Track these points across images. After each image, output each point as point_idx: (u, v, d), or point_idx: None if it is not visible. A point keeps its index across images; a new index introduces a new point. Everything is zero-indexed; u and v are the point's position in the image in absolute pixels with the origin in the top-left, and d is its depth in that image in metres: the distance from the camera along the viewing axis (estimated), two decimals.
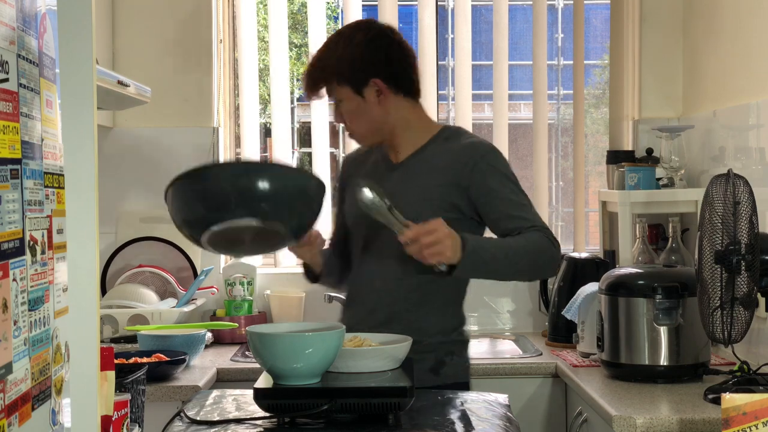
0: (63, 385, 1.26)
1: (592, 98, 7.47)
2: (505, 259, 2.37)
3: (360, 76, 2.50)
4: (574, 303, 3.20)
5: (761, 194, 2.60)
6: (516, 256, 2.38)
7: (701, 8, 3.64)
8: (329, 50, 2.54)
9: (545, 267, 2.48)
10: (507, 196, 2.48)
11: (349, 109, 2.54)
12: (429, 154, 2.55)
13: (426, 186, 2.51)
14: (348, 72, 2.50)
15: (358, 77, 2.50)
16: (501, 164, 2.53)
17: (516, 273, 2.47)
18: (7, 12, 1.09)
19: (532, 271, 2.48)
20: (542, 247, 2.41)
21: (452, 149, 2.53)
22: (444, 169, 2.50)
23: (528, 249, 2.40)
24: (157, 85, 3.65)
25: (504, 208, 2.47)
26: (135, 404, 1.88)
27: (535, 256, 2.41)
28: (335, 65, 2.50)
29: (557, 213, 6.83)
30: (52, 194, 1.23)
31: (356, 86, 2.51)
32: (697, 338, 2.76)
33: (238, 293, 3.73)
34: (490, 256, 2.35)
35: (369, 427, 1.93)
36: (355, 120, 2.55)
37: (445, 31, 8.20)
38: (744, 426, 1.74)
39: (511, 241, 2.40)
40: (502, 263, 2.37)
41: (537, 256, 2.41)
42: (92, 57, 1.31)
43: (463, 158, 2.50)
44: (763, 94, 3.01)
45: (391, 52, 2.54)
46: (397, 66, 2.54)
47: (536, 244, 2.40)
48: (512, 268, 2.41)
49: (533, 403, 3.27)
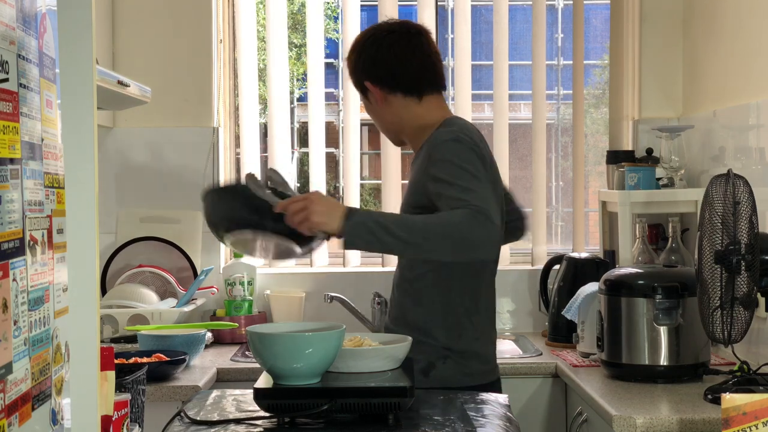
0: (63, 385, 1.26)
1: (592, 98, 7.47)
2: (404, 232, 2.24)
3: (358, 80, 2.63)
4: (574, 303, 3.20)
5: (761, 194, 2.60)
6: (421, 231, 2.25)
7: (701, 8, 3.64)
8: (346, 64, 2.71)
9: (463, 244, 2.26)
10: (446, 179, 2.35)
11: (367, 111, 2.70)
12: (421, 149, 2.56)
13: (412, 180, 2.55)
14: (353, 80, 2.66)
15: (358, 82, 2.64)
16: (450, 153, 2.41)
17: (425, 248, 2.28)
18: (7, 12, 1.09)
19: (446, 247, 2.27)
20: (460, 222, 2.24)
21: (427, 142, 2.51)
22: (420, 162, 2.51)
23: (439, 224, 2.25)
24: (157, 85, 3.65)
25: (440, 189, 2.36)
26: (135, 404, 1.88)
27: (448, 230, 2.24)
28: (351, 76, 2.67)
29: (557, 213, 6.82)
30: (52, 194, 1.23)
31: (361, 90, 2.64)
32: (697, 338, 2.76)
33: (238, 293, 3.73)
34: (381, 228, 2.24)
35: (369, 427, 1.93)
36: (374, 120, 2.70)
37: (445, 31, 8.19)
38: (744, 426, 1.74)
39: (418, 217, 2.31)
40: (400, 236, 2.24)
41: (450, 231, 2.24)
42: (92, 57, 1.31)
43: (427, 149, 2.48)
44: (763, 94, 3.01)
45: (379, 54, 2.57)
46: (385, 67, 2.56)
47: (452, 219, 2.25)
48: (418, 243, 2.25)
49: (533, 403, 3.27)
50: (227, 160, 4.02)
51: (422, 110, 2.58)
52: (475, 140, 2.47)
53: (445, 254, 2.32)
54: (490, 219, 2.25)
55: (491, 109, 4.21)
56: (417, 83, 2.58)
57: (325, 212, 2.25)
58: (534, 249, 4.03)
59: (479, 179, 2.35)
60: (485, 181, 2.36)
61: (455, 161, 2.38)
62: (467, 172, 2.35)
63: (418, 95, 2.58)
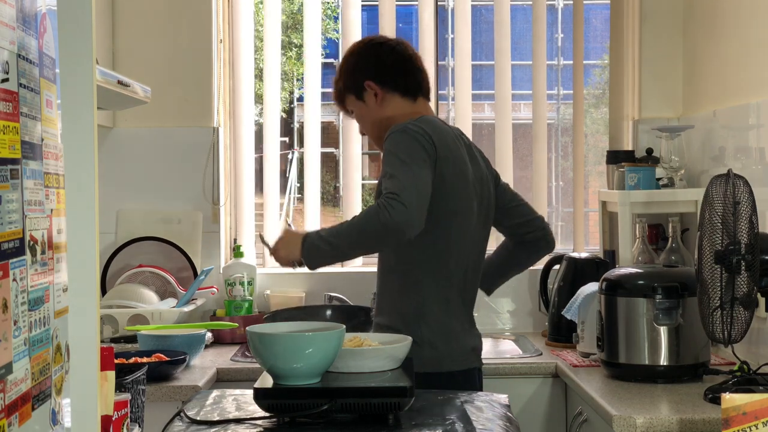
0: (63, 385, 1.26)
1: (592, 98, 7.47)
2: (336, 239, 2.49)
3: (357, 81, 2.70)
4: (574, 303, 3.20)
5: (761, 194, 2.60)
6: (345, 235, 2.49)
7: (701, 8, 3.64)
8: (339, 68, 2.77)
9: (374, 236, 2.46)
10: (383, 169, 2.53)
11: (358, 116, 2.75)
12: None
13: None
14: (349, 81, 2.72)
15: (356, 83, 2.71)
16: (390, 142, 2.54)
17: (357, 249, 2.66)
18: (7, 12, 1.09)
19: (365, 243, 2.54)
20: (365, 218, 2.45)
21: None
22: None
23: (354, 224, 2.48)
24: (157, 85, 3.65)
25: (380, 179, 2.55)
26: (135, 404, 1.88)
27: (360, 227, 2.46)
28: (342, 79, 2.74)
29: (557, 213, 6.82)
30: (52, 194, 1.23)
31: (357, 92, 2.71)
32: (697, 338, 2.76)
33: (238, 293, 3.73)
34: (324, 242, 2.49)
35: (369, 427, 1.93)
36: (365, 125, 2.76)
37: (445, 31, 8.21)
38: (744, 426, 1.74)
39: (345, 223, 2.52)
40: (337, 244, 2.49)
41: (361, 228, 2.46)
42: (92, 57, 1.31)
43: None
44: (763, 94, 3.01)
45: (382, 54, 2.71)
46: (389, 67, 2.71)
47: (363, 216, 2.47)
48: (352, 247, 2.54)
49: (533, 403, 3.27)
50: (227, 160, 4.02)
51: (414, 110, 2.70)
52: (426, 131, 2.55)
53: (369, 248, 2.66)
54: (399, 201, 2.39)
55: (492, 109, 4.22)
56: (414, 85, 2.73)
57: (285, 247, 2.56)
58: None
59: (407, 164, 2.47)
60: (416, 166, 2.47)
61: (391, 150, 2.53)
62: (397, 158, 2.50)
63: (413, 96, 2.73)
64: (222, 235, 3.95)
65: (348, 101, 2.75)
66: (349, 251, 2.62)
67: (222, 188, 3.94)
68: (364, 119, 2.75)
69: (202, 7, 3.89)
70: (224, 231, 3.98)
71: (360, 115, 2.75)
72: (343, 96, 2.76)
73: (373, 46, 2.76)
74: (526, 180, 4.57)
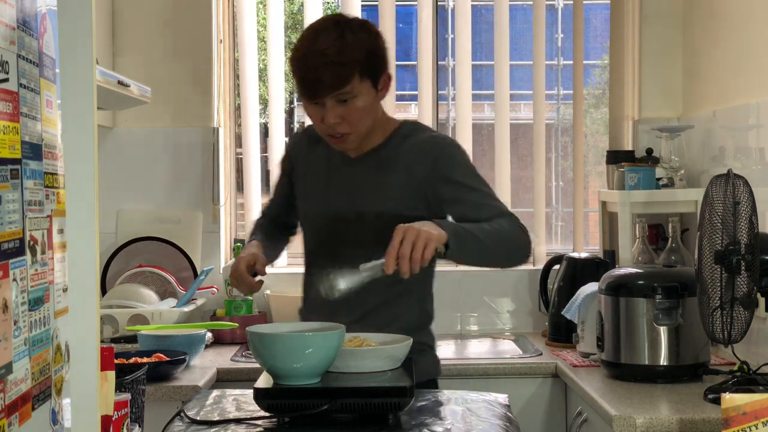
0: (63, 385, 1.26)
1: (592, 98, 7.47)
2: (485, 240, 2.27)
3: (381, 68, 2.37)
4: (574, 303, 3.20)
5: (761, 194, 2.60)
6: (491, 240, 2.28)
7: (701, 8, 3.64)
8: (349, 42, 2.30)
9: (519, 252, 2.38)
10: (472, 187, 2.41)
11: (362, 106, 2.34)
12: (389, 149, 2.47)
13: (387, 183, 2.44)
14: (374, 64, 2.34)
15: (380, 70, 2.36)
16: (462, 157, 2.47)
17: (494, 257, 2.38)
18: (7, 12, 1.09)
19: (508, 255, 2.39)
20: (514, 232, 2.35)
21: (412, 145, 2.45)
22: (405, 165, 2.44)
23: (502, 234, 2.31)
24: (157, 85, 3.65)
25: (470, 198, 2.40)
26: (135, 404, 1.88)
27: (508, 241, 2.33)
28: (365, 57, 2.31)
29: (557, 213, 6.81)
30: (52, 194, 1.23)
31: (375, 80, 2.36)
32: (697, 338, 2.76)
33: (238, 293, 3.73)
34: (470, 236, 2.24)
35: (369, 427, 1.93)
36: (364, 118, 2.37)
37: (445, 31, 8.20)
38: (744, 426, 1.74)
39: (485, 226, 2.30)
40: (482, 244, 2.26)
41: (510, 241, 2.34)
42: (92, 57, 1.31)
43: (423, 153, 2.43)
44: (763, 94, 3.01)
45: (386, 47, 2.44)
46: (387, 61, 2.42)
47: (508, 229, 2.33)
48: (490, 252, 2.31)
49: (533, 403, 3.27)
50: (227, 160, 4.02)
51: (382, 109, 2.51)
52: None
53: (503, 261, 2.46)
54: (525, 228, 2.38)
55: (491, 109, 4.22)
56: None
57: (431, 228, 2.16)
58: (534, 249, 4.03)
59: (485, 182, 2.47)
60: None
61: (469, 166, 2.46)
62: (479, 176, 2.45)
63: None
64: (222, 235, 3.95)
65: (360, 86, 2.32)
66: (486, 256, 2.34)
67: (222, 188, 3.94)
68: (371, 111, 2.38)
69: (202, 7, 3.89)
70: (224, 231, 3.98)
71: (369, 105, 2.36)
72: (351, 77, 2.30)
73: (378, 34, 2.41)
74: (526, 180, 4.57)
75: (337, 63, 2.28)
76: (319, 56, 2.29)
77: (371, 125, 2.42)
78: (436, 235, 2.15)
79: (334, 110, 2.33)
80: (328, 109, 2.33)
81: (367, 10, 4.47)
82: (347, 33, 2.31)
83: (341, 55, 2.28)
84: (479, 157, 4.73)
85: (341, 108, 2.33)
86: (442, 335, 3.83)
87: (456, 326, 3.92)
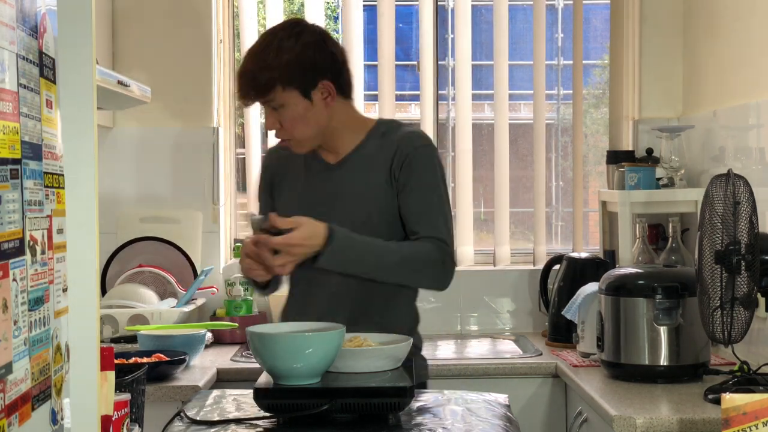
0: (63, 385, 1.26)
1: (592, 98, 7.47)
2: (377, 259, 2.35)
3: (309, 78, 2.38)
4: (574, 303, 3.20)
5: (761, 194, 2.60)
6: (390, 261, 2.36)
7: (701, 8, 3.64)
8: (272, 52, 2.37)
9: (427, 278, 2.43)
10: (428, 196, 2.42)
11: (292, 115, 2.39)
12: (368, 150, 2.48)
13: (369, 184, 2.46)
14: (297, 74, 2.36)
15: (307, 79, 2.38)
16: (434, 160, 2.47)
17: (390, 276, 2.40)
18: (7, 12, 1.09)
19: (410, 279, 2.44)
20: (428, 258, 2.37)
21: (389, 142, 2.47)
22: (383, 163, 2.45)
23: (409, 257, 2.37)
24: (157, 85, 3.65)
25: (419, 206, 2.42)
26: (135, 404, 1.88)
27: (416, 265, 2.38)
28: (284, 68, 2.35)
29: (557, 213, 6.81)
30: (52, 194, 1.23)
31: (304, 89, 2.38)
32: (697, 338, 2.76)
33: (238, 293, 3.73)
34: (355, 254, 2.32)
35: (369, 427, 1.93)
36: (298, 125, 2.41)
37: (445, 31, 8.20)
38: (744, 426, 1.74)
39: (393, 245, 2.37)
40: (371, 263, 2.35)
41: (419, 266, 2.38)
42: (92, 57, 1.30)
43: (398, 150, 2.44)
44: (763, 94, 3.01)
45: (336, 52, 2.44)
46: (341, 66, 2.44)
47: (423, 254, 2.37)
48: (385, 271, 2.38)
49: (533, 403, 3.27)
50: (227, 160, 4.02)
51: (352, 111, 2.52)
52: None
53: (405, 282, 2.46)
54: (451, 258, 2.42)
55: (491, 109, 4.21)
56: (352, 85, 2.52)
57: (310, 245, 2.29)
58: (534, 249, 4.03)
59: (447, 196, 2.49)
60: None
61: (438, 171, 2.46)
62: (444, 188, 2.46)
63: (350, 97, 2.51)
64: (222, 235, 3.95)
65: (283, 95, 2.36)
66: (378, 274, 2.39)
67: (222, 188, 3.94)
68: (305, 119, 2.39)
69: (202, 7, 3.89)
70: (224, 231, 3.98)
71: (296, 115, 2.38)
72: (271, 87, 2.36)
73: (324, 40, 2.43)
74: (526, 180, 4.57)
75: (256, 73, 2.37)
76: (248, 63, 2.41)
77: (314, 132, 2.43)
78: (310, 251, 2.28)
79: (270, 117, 2.43)
80: (266, 116, 2.44)
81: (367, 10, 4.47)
82: (275, 42, 2.38)
83: (261, 65, 2.37)
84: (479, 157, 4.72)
85: (276, 114, 2.41)
86: (442, 335, 3.85)
87: (456, 326, 3.92)
